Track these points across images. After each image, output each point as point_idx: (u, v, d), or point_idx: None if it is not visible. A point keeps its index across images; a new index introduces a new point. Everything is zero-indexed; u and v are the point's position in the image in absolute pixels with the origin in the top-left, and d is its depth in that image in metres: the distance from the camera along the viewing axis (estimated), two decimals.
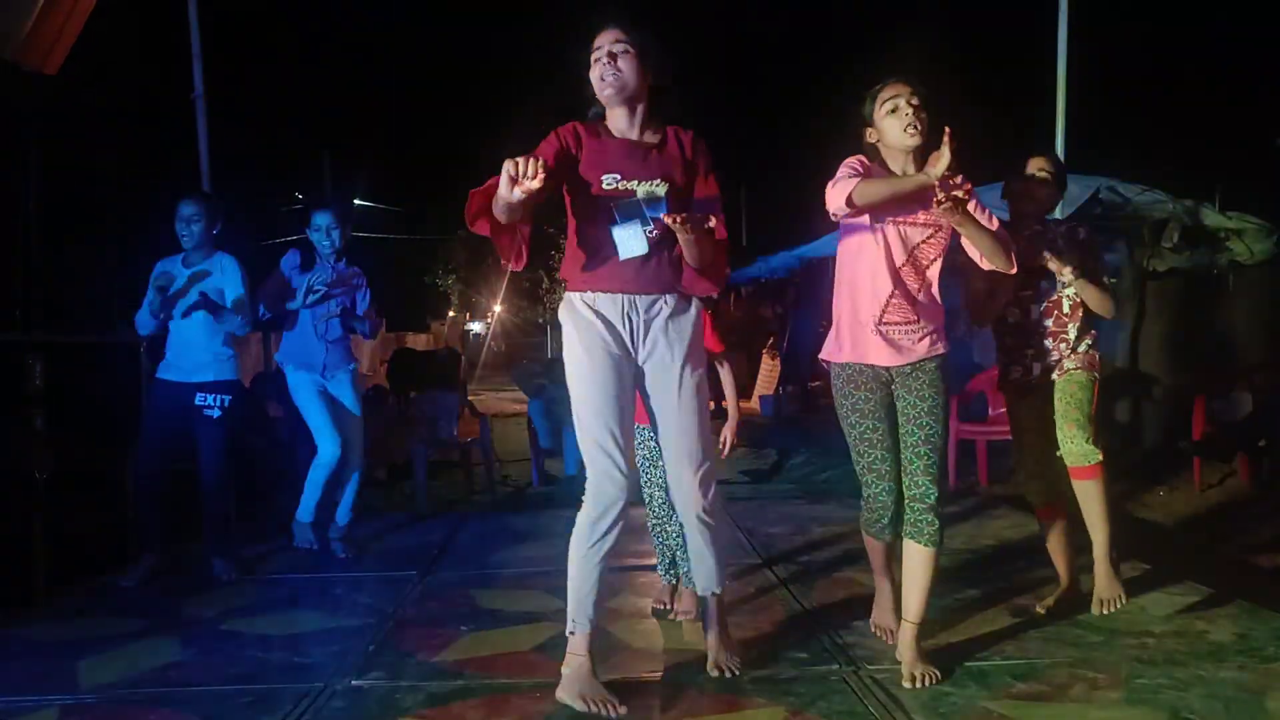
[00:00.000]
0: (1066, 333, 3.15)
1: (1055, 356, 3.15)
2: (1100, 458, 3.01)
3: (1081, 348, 3.15)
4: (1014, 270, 2.72)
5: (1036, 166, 3.16)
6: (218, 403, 3.95)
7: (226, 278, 3.99)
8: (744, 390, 11.03)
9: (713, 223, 2.46)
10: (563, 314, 2.60)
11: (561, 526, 4.86)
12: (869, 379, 2.70)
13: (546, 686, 2.63)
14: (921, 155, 2.60)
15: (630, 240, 2.46)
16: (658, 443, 2.72)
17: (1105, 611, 3.00)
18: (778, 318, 13.33)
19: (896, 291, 2.65)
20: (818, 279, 10.79)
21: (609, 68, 2.48)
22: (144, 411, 4.10)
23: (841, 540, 4.34)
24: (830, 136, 3.35)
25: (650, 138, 2.58)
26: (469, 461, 7.12)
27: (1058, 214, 3.72)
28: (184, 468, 4.05)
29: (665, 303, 2.57)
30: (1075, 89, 5.06)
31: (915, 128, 2.59)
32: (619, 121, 2.56)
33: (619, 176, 2.49)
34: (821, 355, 2.86)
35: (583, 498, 2.53)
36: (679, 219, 2.34)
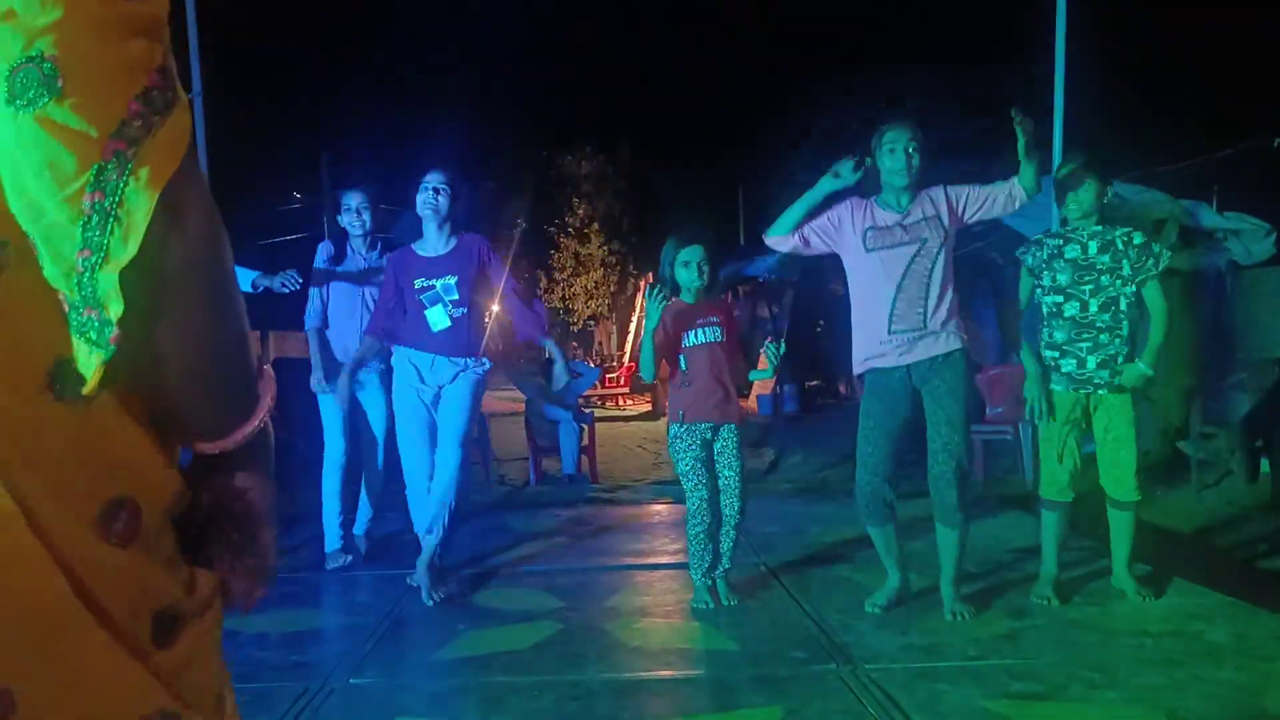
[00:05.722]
0: (1122, 329, 3.23)
1: (1111, 351, 3.22)
2: (1139, 497, 3.28)
3: (1128, 351, 3.23)
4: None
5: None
6: None
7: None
8: (741, 389, 11.02)
9: None
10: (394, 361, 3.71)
11: (559, 525, 4.90)
12: (894, 383, 3.15)
13: (545, 685, 2.63)
14: (913, 191, 3.16)
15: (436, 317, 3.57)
16: (702, 448, 3.35)
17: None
18: (774, 318, 13.33)
19: (900, 302, 3.10)
20: (814, 280, 10.79)
21: (431, 198, 3.52)
22: None
23: (839, 539, 4.34)
24: (828, 136, 3.37)
25: (447, 247, 3.59)
26: (466, 460, 7.10)
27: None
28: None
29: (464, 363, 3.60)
30: (1072, 90, 5.05)
31: (906, 173, 3.11)
32: (430, 234, 3.60)
33: (425, 279, 3.55)
34: (856, 371, 3.28)
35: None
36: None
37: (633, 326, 23.01)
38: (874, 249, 3.17)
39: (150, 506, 0.62)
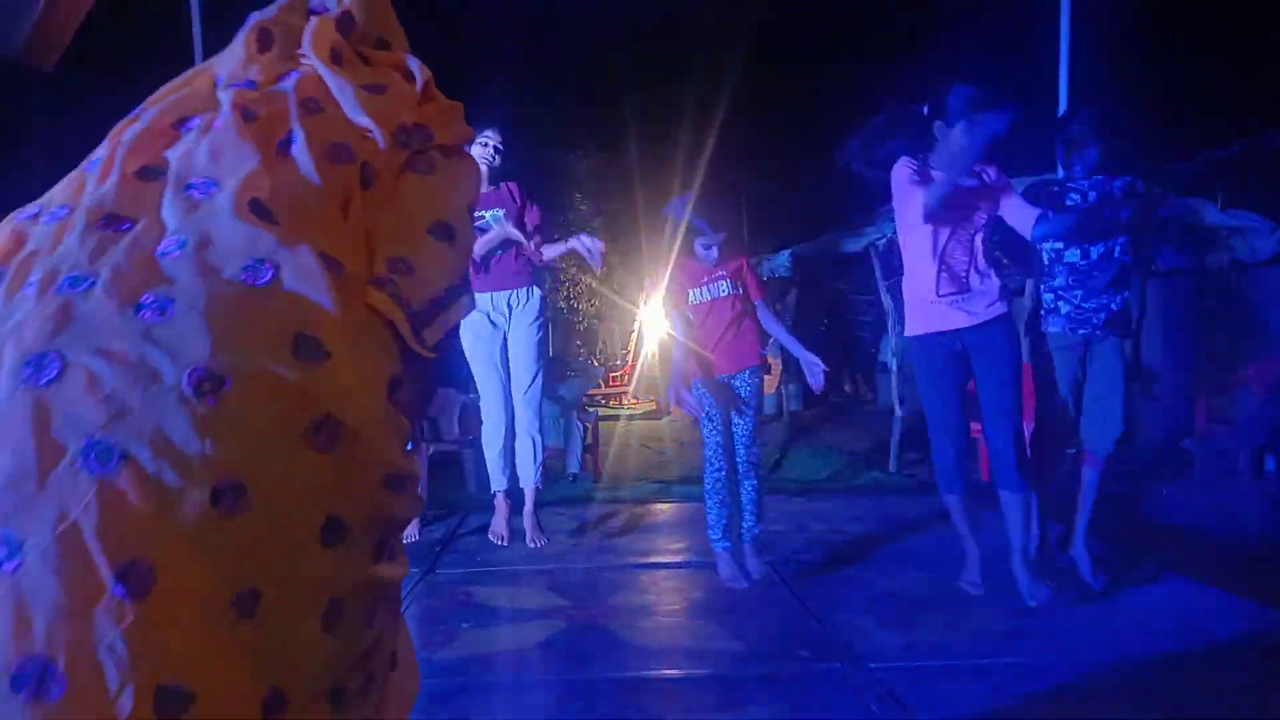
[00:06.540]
0: (1119, 276, 3.29)
1: (1104, 299, 3.28)
2: (1115, 449, 3.33)
3: (1119, 303, 3.28)
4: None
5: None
6: None
7: None
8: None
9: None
10: None
11: (562, 523, 4.90)
12: (942, 344, 3.18)
13: (549, 684, 2.63)
14: None
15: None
16: (723, 391, 3.51)
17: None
18: (777, 316, 13.35)
19: (944, 267, 3.13)
20: (816, 278, 10.79)
21: (489, 153, 3.91)
22: None
23: (842, 537, 4.34)
24: (829, 135, 3.37)
25: (489, 188, 3.99)
26: (470, 458, 7.10)
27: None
28: None
29: (518, 295, 4.10)
30: (1076, 87, 5.04)
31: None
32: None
33: (478, 211, 3.85)
34: (906, 332, 3.32)
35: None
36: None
37: (634, 326, 23.01)
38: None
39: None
